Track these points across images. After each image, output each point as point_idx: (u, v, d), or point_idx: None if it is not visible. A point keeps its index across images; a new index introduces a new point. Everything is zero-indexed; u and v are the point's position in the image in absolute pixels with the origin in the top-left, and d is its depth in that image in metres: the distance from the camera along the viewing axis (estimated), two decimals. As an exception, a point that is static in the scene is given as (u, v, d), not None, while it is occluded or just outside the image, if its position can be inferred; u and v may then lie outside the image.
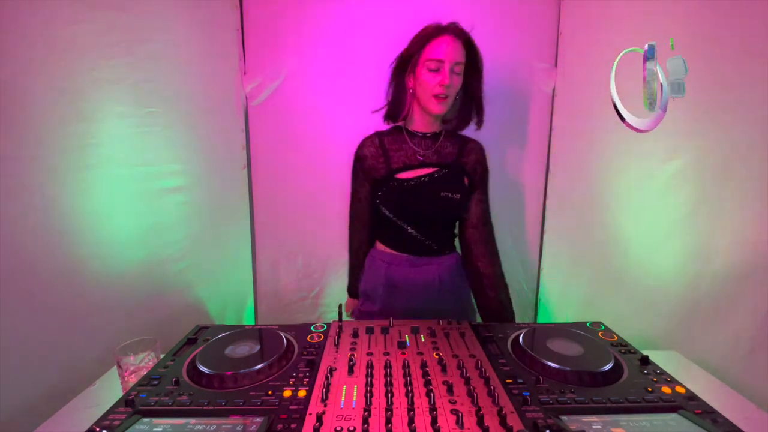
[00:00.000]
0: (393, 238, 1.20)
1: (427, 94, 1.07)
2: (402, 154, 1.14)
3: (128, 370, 0.91)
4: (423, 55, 1.06)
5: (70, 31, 1.04)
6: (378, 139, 1.17)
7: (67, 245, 1.08)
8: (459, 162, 1.16)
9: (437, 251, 1.20)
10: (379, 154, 1.15)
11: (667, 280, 1.29)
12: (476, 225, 1.19)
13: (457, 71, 1.06)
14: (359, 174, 1.20)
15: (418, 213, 1.14)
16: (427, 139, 1.16)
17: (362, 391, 0.72)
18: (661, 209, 1.30)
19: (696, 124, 1.19)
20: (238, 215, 1.65)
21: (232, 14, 1.51)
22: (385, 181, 1.14)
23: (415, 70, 1.08)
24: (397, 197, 1.13)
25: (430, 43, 1.05)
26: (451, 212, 1.16)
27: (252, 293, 1.74)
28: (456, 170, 1.15)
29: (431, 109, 1.08)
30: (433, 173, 1.13)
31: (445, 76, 1.04)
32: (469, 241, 1.20)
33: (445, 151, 1.16)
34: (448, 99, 1.07)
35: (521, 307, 1.73)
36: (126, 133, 1.21)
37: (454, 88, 1.07)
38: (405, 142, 1.15)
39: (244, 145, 1.62)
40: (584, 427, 0.63)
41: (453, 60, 1.04)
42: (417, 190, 1.12)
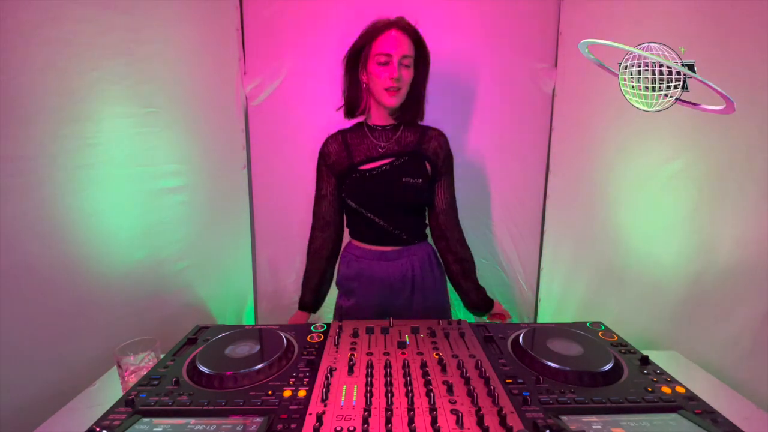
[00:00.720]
0: (362, 231, 1.21)
1: (378, 88, 1.09)
2: (363, 148, 1.17)
3: (128, 370, 0.91)
4: (372, 50, 1.08)
5: (70, 31, 1.04)
6: (341, 136, 1.20)
7: (67, 245, 1.08)
8: (419, 149, 1.17)
9: (407, 240, 1.20)
10: (341, 150, 1.18)
11: (667, 280, 1.29)
12: (446, 211, 1.21)
13: (405, 64, 1.08)
14: (323, 170, 1.22)
15: (383, 201, 1.15)
16: (387, 131, 1.18)
17: (362, 391, 0.72)
18: (661, 209, 1.30)
19: (696, 124, 1.19)
20: (238, 215, 1.65)
21: (232, 14, 1.51)
22: (348, 173, 1.16)
23: (366, 65, 1.11)
24: (360, 187, 1.15)
25: (379, 37, 1.07)
26: (415, 197, 1.16)
27: (252, 293, 1.74)
28: (417, 156, 1.16)
29: (384, 101, 1.11)
30: (394, 161, 1.15)
31: (394, 69, 1.06)
32: (442, 228, 1.22)
33: (405, 140, 1.17)
34: (400, 91, 1.10)
35: (521, 307, 1.73)
36: (126, 133, 1.21)
37: (404, 81, 1.09)
38: (366, 137, 1.18)
39: (244, 145, 1.62)
40: (584, 427, 0.63)
41: (401, 53, 1.06)
42: (379, 178, 1.14)
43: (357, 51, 1.11)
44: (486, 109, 1.58)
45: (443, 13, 1.52)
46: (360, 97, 1.16)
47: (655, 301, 1.33)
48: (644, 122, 1.26)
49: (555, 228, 1.64)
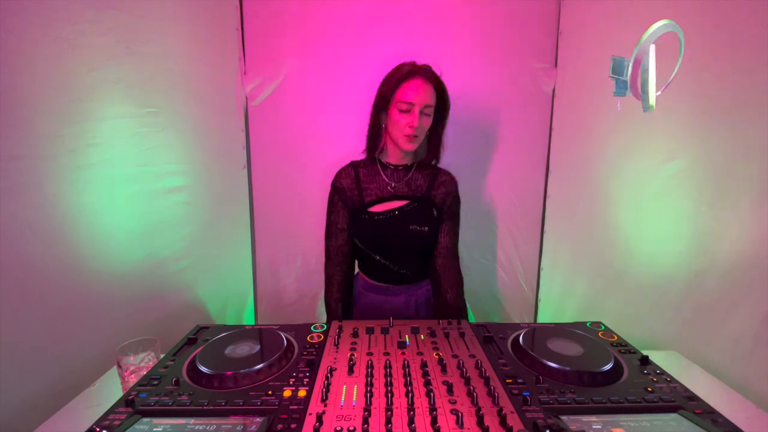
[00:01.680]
0: (369, 267, 1.25)
1: (398, 133, 1.12)
2: (375, 186, 1.19)
3: (128, 370, 0.91)
4: (395, 96, 1.10)
5: (70, 31, 1.04)
6: (353, 171, 1.22)
7: (67, 245, 1.08)
8: (429, 194, 1.20)
9: (410, 278, 1.24)
10: (354, 186, 1.20)
11: (667, 280, 1.29)
12: (446, 255, 1.21)
13: (426, 113, 1.11)
14: (339, 204, 1.22)
15: (389, 245, 1.18)
16: (399, 171, 1.21)
17: (362, 391, 0.72)
18: (661, 209, 1.30)
19: (696, 124, 1.19)
20: (238, 215, 1.65)
21: (232, 14, 1.51)
22: (358, 213, 1.19)
23: (387, 109, 1.13)
24: (368, 230, 1.18)
25: (402, 85, 1.09)
26: (420, 244, 1.19)
27: (252, 293, 1.74)
28: (425, 203, 1.19)
29: (402, 146, 1.14)
30: (404, 206, 1.17)
31: (414, 118, 1.08)
32: (438, 271, 1.21)
33: (415, 183, 1.20)
34: (417, 138, 1.12)
35: (521, 307, 1.73)
36: (126, 133, 1.21)
37: (423, 129, 1.12)
38: (378, 174, 1.20)
39: (244, 145, 1.62)
40: (584, 427, 0.63)
41: (423, 103, 1.08)
42: (388, 223, 1.16)
43: (383, 95, 1.13)
44: (486, 109, 1.58)
45: (443, 13, 1.52)
46: (379, 136, 1.19)
47: (655, 301, 1.33)
48: (644, 122, 1.26)
49: (555, 228, 1.64)
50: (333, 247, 1.24)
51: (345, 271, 1.25)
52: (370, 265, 1.24)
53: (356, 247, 1.23)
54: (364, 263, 1.26)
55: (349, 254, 1.24)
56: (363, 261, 1.26)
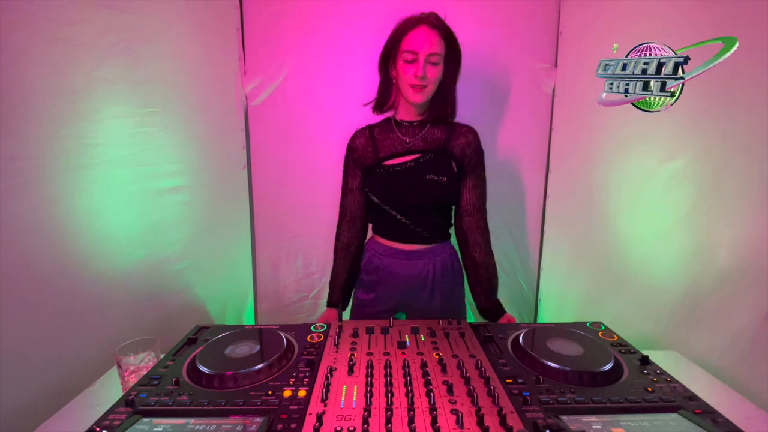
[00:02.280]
0: (385, 227, 1.21)
1: (405, 84, 1.09)
2: (389, 143, 1.17)
3: (128, 370, 0.91)
4: (401, 47, 1.07)
5: (70, 31, 1.04)
6: (368, 131, 1.20)
7: (66, 245, 1.08)
8: (447, 146, 1.16)
9: (428, 239, 1.19)
10: (368, 144, 1.18)
11: (667, 279, 1.29)
12: (471, 212, 1.19)
13: (433, 61, 1.07)
14: (350, 165, 1.22)
15: (405, 197, 1.15)
16: (414, 127, 1.17)
17: (362, 391, 0.72)
18: (661, 209, 1.30)
19: (696, 125, 1.19)
20: (238, 215, 1.65)
21: (232, 14, 1.51)
22: (372, 168, 1.17)
23: (395, 62, 1.10)
24: (383, 183, 1.15)
25: (407, 34, 1.06)
26: (438, 195, 1.14)
27: (252, 293, 1.74)
28: (442, 154, 1.15)
29: (410, 98, 1.10)
30: (419, 158, 1.14)
31: (419, 68, 1.05)
32: (464, 230, 1.20)
33: (432, 137, 1.16)
34: (426, 89, 1.09)
35: (521, 307, 1.73)
36: (126, 133, 1.21)
37: (430, 79, 1.08)
38: (393, 131, 1.17)
39: (244, 145, 1.62)
40: (584, 427, 0.63)
41: (428, 51, 1.05)
42: (403, 174, 1.14)
43: (389, 48, 1.11)
44: (486, 109, 1.58)
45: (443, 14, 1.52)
46: (390, 93, 1.16)
47: (655, 301, 1.33)
48: (644, 122, 1.26)
49: (555, 228, 1.64)
50: (343, 206, 1.25)
51: (352, 233, 1.24)
52: (386, 223, 1.19)
53: (371, 205, 1.20)
54: (380, 223, 1.22)
55: (357, 215, 1.23)
56: (379, 220, 1.22)
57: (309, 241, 1.66)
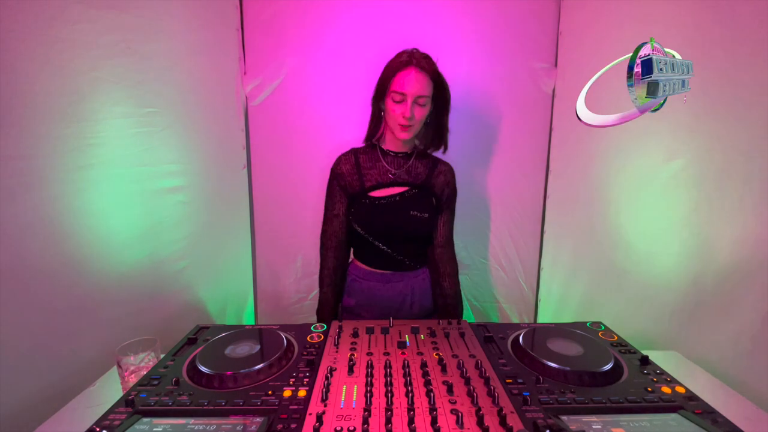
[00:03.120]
0: (366, 254, 1.25)
1: (393, 123, 1.13)
2: (375, 172, 1.19)
3: (128, 370, 0.91)
4: (390, 87, 1.10)
5: (70, 31, 1.04)
6: (353, 157, 1.22)
7: (66, 245, 1.08)
8: (428, 182, 1.21)
9: (409, 266, 1.24)
10: (354, 172, 1.20)
11: (667, 279, 1.29)
12: (443, 245, 1.25)
13: (420, 103, 1.10)
14: (336, 190, 1.23)
15: (389, 230, 1.19)
16: (399, 158, 1.21)
17: (362, 391, 0.72)
18: (661, 209, 1.30)
19: (696, 124, 1.19)
20: (238, 215, 1.65)
21: (232, 14, 1.51)
22: (358, 198, 1.19)
23: (384, 98, 1.13)
24: (368, 215, 1.18)
25: (397, 75, 1.09)
26: (420, 230, 1.20)
27: (252, 293, 1.74)
28: (425, 190, 1.20)
29: (397, 135, 1.14)
30: (404, 192, 1.19)
31: (407, 109, 1.08)
32: (437, 261, 1.25)
33: (415, 171, 1.21)
34: (412, 127, 1.12)
35: (521, 307, 1.73)
36: (126, 133, 1.21)
37: (416, 119, 1.11)
38: (379, 161, 1.21)
39: (244, 145, 1.62)
40: (584, 427, 0.63)
41: (415, 93, 1.08)
42: (388, 208, 1.17)
43: (381, 84, 1.14)
44: (486, 109, 1.58)
45: (443, 14, 1.52)
46: (379, 125, 1.20)
47: (655, 301, 1.33)
48: (644, 122, 1.26)
49: (555, 228, 1.64)
50: (328, 232, 1.25)
51: (338, 257, 1.25)
52: (368, 251, 1.24)
53: (353, 233, 1.23)
54: (362, 250, 1.26)
55: (343, 240, 1.24)
56: (361, 248, 1.26)
57: (309, 241, 1.66)
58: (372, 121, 1.21)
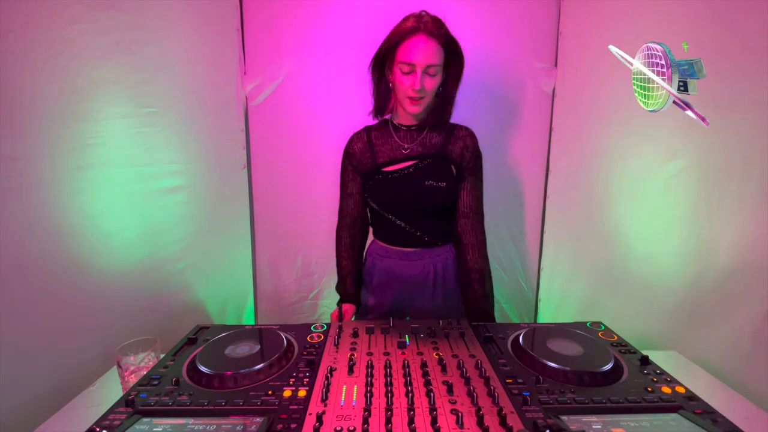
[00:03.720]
0: (384, 231, 1.20)
1: (401, 95, 1.07)
2: (387, 149, 1.15)
3: (128, 370, 0.91)
4: (397, 56, 1.03)
5: (70, 31, 1.04)
6: (366, 135, 1.18)
7: (66, 245, 1.08)
8: (445, 150, 1.14)
9: (429, 242, 1.18)
10: (366, 149, 1.16)
11: (667, 279, 1.29)
12: (467, 214, 1.16)
13: (431, 73, 1.02)
14: (349, 169, 1.19)
15: (405, 203, 1.13)
16: (412, 132, 1.15)
17: (362, 391, 0.72)
18: (661, 209, 1.30)
19: (696, 124, 1.19)
20: (238, 215, 1.65)
21: (232, 14, 1.51)
22: (371, 174, 1.15)
23: (392, 69, 1.07)
24: (383, 189, 1.14)
25: (404, 43, 1.01)
26: (438, 201, 1.13)
27: (252, 293, 1.74)
28: (441, 159, 1.14)
29: (407, 109, 1.08)
30: (417, 163, 1.13)
31: (416, 80, 1.01)
32: (459, 232, 1.17)
33: (430, 142, 1.14)
34: (423, 100, 1.06)
35: (521, 307, 1.73)
36: (126, 133, 1.21)
37: (427, 91, 1.04)
38: (391, 136, 1.15)
39: (244, 145, 1.62)
40: (584, 427, 0.63)
41: (425, 63, 1.00)
42: (402, 181, 1.12)
43: (383, 55, 1.07)
44: (486, 109, 1.58)
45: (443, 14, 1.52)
46: (389, 98, 1.13)
47: (655, 301, 1.33)
48: (644, 122, 1.26)
49: (555, 228, 1.64)
50: (343, 211, 1.22)
51: (354, 234, 1.22)
52: (386, 227, 1.19)
53: (371, 211, 1.20)
54: (381, 227, 1.22)
55: (358, 219, 1.21)
56: (379, 225, 1.22)
57: (309, 241, 1.66)
58: (378, 93, 1.13)
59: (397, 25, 1.04)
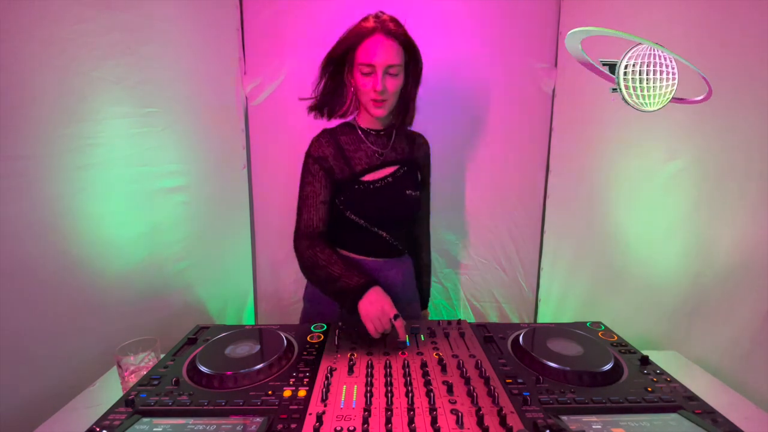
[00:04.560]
0: (358, 243, 1.11)
1: (365, 98, 1.03)
2: (362, 155, 1.08)
3: (128, 370, 0.91)
4: (356, 58, 0.99)
5: (70, 31, 1.04)
6: (332, 138, 1.09)
7: (67, 245, 1.08)
8: (412, 157, 1.14)
9: (401, 250, 1.17)
10: (338, 155, 1.07)
11: (667, 279, 1.29)
12: (422, 219, 1.24)
13: (392, 73, 0.99)
14: (320, 175, 1.06)
15: (387, 214, 1.09)
16: (381, 136, 1.11)
17: (362, 391, 0.72)
18: (661, 209, 1.30)
19: (696, 124, 1.19)
20: (238, 215, 1.65)
21: (232, 14, 1.51)
22: (348, 184, 1.06)
23: (351, 71, 1.03)
24: (363, 201, 1.06)
25: (362, 44, 0.98)
26: (416, 210, 1.14)
27: (252, 293, 1.74)
28: (412, 167, 1.14)
29: (371, 112, 1.04)
30: (395, 172, 1.10)
31: (377, 82, 0.97)
32: (416, 236, 1.26)
33: (400, 146, 1.13)
34: (387, 102, 1.02)
35: (521, 307, 1.73)
36: (126, 133, 1.21)
37: (389, 92, 1.00)
38: (362, 141, 1.09)
39: (244, 145, 1.62)
40: (584, 427, 0.63)
41: (385, 63, 0.96)
42: (383, 191, 1.07)
43: (339, 54, 1.02)
44: (486, 109, 1.58)
45: (442, 14, 1.52)
46: (344, 99, 1.07)
47: (655, 301, 1.33)
48: (644, 122, 1.26)
49: (555, 228, 1.64)
50: (314, 221, 1.06)
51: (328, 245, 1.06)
52: (363, 239, 1.10)
53: (343, 222, 1.08)
54: (355, 239, 1.11)
55: (325, 231, 1.08)
56: (353, 237, 1.11)
57: (309, 241, 1.66)
58: (328, 91, 1.07)
59: (354, 26, 1.01)
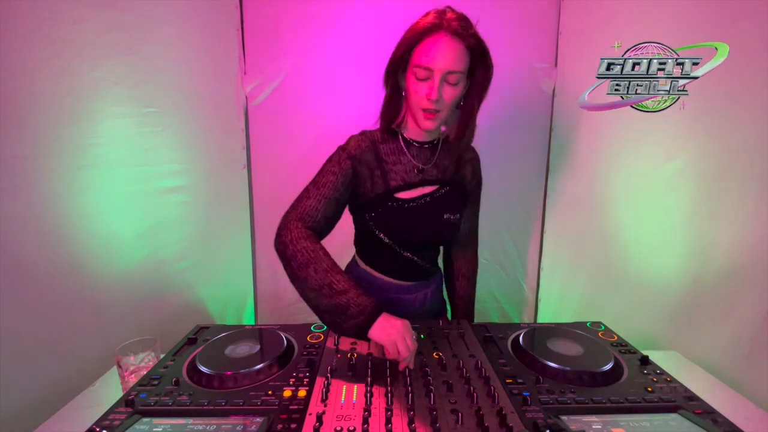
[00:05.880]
0: (385, 262, 1.03)
1: (415, 106, 0.89)
2: (401, 168, 0.96)
3: (128, 370, 0.91)
4: (412, 58, 0.86)
5: (70, 31, 1.04)
6: (373, 147, 0.96)
7: (67, 245, 1.08)
8: (457, 176, 1.02)
9: (430, 272, 1.08)
10: (376, 165, 0.95)
11: (667, 279, 1.29)
12: (464, 242, 1.12)
13: (451, 81, 0.85)
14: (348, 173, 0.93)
15: (420, 238, 0.99)
16: (425, 150, 0.98)
17: (362, 391, 0.72)
18: (661, 209, 1.30)
19: (696, 124, 1.19)
20: (238, 215, 1.65)
21: (232, 14, 1.51)
22: (380, 200, 0.95)
23: (405, 73, 0.89)
24: (396, 221, 0.96)
25: (421, 43, 0.83)
26: (452, 233, 1.02)
27: (252, 293, 1.74)
28: (455, 187, 1.02)
29: (420, 123, 0.91)
30: (434, 192, 0.98)
31: (433, 89, 0.83)
32: (453, 259, 1.14)
33: (443, 163, 1.00)
34: (439, 114, 0.88)
35: (521, 307, 1.73)
36: (126, 133, 1.21)
37: (445, 103, 0.86)
38: (403, 153, 0.97)
39: (244, 145, 1.62)
40: (584, 427, 0.63)
41: (445, 69, 0.83)
42: (419, 212, 0.96)
43: (398, 56, 0.88)
44: (486, 109, 1.57)
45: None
46: (399, 107, 0.95)
47: (655, 301, 1.33)
48: (644, 122, 1.26)
49: (555, 228, 1.64)
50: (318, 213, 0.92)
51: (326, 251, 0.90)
52: (391, 260, 1.01)
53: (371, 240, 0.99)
54: (382, 258, 1.03)
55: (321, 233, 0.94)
56: (380, 256, 1.03)
57: (309, 241, 1.66)
58: (387, 102, 0.94)
59: (414, 23, 0.86)
